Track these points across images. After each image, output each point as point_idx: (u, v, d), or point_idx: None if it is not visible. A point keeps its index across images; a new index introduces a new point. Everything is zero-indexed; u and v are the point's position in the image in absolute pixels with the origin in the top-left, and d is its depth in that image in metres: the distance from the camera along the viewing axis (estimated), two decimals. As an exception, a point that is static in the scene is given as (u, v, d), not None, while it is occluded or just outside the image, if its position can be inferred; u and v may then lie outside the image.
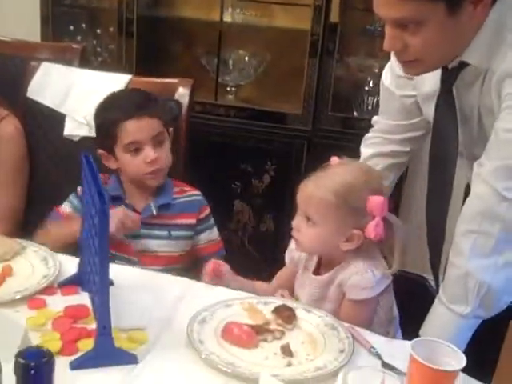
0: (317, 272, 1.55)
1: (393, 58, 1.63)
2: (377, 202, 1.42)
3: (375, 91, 2.80)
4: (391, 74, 1.68)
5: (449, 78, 1.45)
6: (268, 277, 1.78)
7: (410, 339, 1.21)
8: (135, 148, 1.72)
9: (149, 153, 1.72)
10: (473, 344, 1.42)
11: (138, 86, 1.93)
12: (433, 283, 1.72)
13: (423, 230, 1.67)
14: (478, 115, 1.45)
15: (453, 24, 1.32)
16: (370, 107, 2.78)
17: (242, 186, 2.80)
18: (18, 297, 1.39)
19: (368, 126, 2.71)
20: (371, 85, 2.80)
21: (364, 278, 1.44)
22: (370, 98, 2.78)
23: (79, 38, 2.98)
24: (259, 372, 1.20)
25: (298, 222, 1.51)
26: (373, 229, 1.42)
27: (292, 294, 1.58)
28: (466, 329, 1.43)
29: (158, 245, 1.81)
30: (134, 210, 1.79)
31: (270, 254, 2.82)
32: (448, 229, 1.52)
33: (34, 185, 1.98)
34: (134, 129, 1.71)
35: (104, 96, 1.78)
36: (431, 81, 1.50)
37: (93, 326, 1.32)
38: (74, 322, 1.33)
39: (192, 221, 1.85)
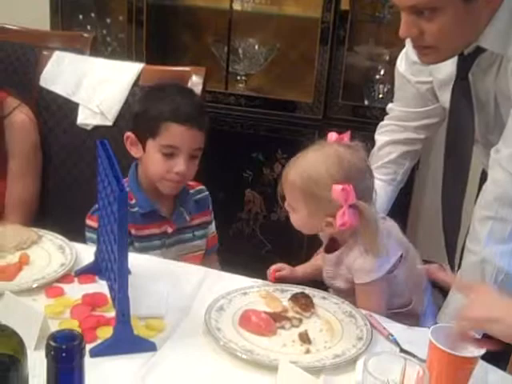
0: (332, 249, 1.54)
1: (408, 44, 1.62)
2: (339, 190, 1.38)
3: (386, 79, 2.79)
4: (406, 60, 1.67)
5: (465, 65, 1.44)
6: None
7: (428, 327, 1.21)
8: (170, 152, 1.67)
9: (181, 164, 1.67)
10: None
11: (151, 74, 1.93)
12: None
13: (436, 218, 1.68)
14: (494, 101, 1.44)
15: (469, 10, 1.31)
16: (380, 95, 2.77)
17: (253, 175, 2.80)
18: (35, 285, 1.39)
19: (379, 114, 2.70)
20: (382, 73, 2.79)
21: (367, 260, 1.44)
22: (380, 86, 2.77)
23: (89, 27, 2.97)
24: (277, 359, 1.20)
25: (286, 206, 1.53)
26: (340, 217, 1.40)
27: None
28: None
29: (185, 248, 1.80)
30: (165, 219, 1.76)
31: (281, 243, 2.82)
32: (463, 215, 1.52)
33: (48, 174, 1.97)
34: (179, 135, 1.66)
35: (121, 85, 1.77)
36: (447, 67, 1.50)
37: (111, 313, 1.32)
38: (92, 309, 1.34)
39: (208, 218, 1.86)
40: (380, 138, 1.80)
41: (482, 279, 1.39)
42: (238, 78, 2.89)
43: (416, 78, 1.66)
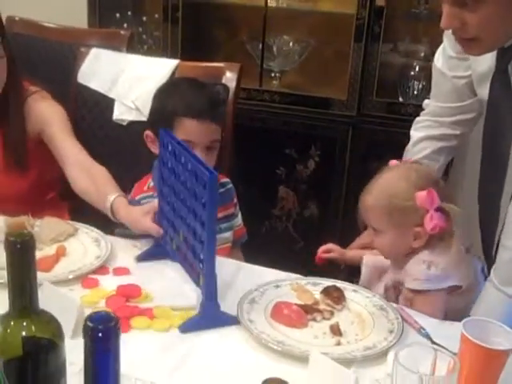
0: None
1: (445, 39, 1.62)
2: (424, 196, 1.45)
3: (421, 76, 2.78)
4: (443, 55, 1.67)
5: (504, 57, 1.43)
6: (311, 261, 1.79)
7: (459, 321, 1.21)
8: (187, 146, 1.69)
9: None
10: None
11: (186, 70, 1.95)
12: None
13: (471, 214, 1.67)
14: None
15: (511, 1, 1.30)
16: (415, 92, 2.76)
17: (286, 171, 2.81)
18: (71, 276, 1.43)
19: (413, 111, 2.69)
20: (417, 69, 2.78)
21: (419, 268, 1.46)
22: (415, 82, 2.76)
23: (125, 25, 3.01)
24: (309, 350, 1.21)
25: (370, 235, 1.59)
26: (429, 222, 1.45)
27: None
28: (516, 311, 1.41)
29: None
30: None
31: (314, 240, 2.82)
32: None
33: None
34: (193, 129, 1.66)
35: (157, 81, 1.79)
36: (487, 60, 1.49)
37: (144, 304, 1.36)
38: (127, 300, 1.37)
39: (232, 210, 1.86)
40: (415, 133, 1.80)
41: (517, 275, 1.39)
42: (272, 74, 2.90)
43: (453, 73, 1.65)
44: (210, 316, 1.29)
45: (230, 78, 1.94)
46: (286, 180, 2.83)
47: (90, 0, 2.87)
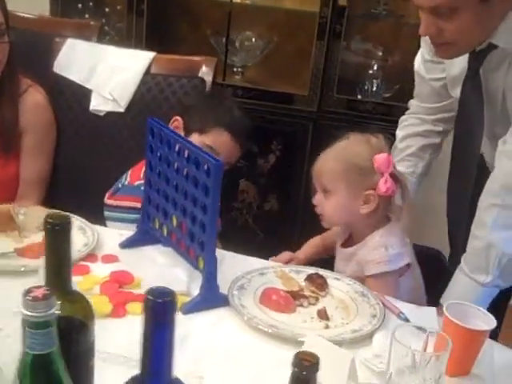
0: (346, 246, 1.64)
1: (423, 43, 1.71)
2: (382, 159, 1.54)
3: (378, 74, 2.88)
4: (421, 58, 1.77)
5: (476, 61, 1.53)
6: (270, 254, 1.85)
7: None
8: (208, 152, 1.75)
9: None
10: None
11: (162, 63, 1.99)
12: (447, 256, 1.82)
13: (440, 208, 1.77)
14: (502, 96, 1.53)
15: (484, 9, 1.40)
16: (374, 89, 2.86)
17: (247, 165, 2.86)
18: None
19: (372, 108, 2.80)
20: (375, 68, 2.88)
21: (377, 252, 1.54)
22: (374, 81, 2.86)
23: (87, 15, 3.01)
24: (300, 333, 1.27)
25: (317, 198, 1.63)
26: (383, 184, 1.53)
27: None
28: (486, 296, 1.51)
29: None
30: None
31: (274, 233, 2.89)
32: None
33: (61, 158, 2.02)
34: (225, 143, 1.79)
35: (134, 72, 1.83)
36: (460, 64, 1.58)
37: (138, 291, 1.39)
38: (120, 287, 1.40)
39: None
40: (400, 132, 1.89)
41: (487, 263, 1.48)
42: (235, 69, 2.95)
43: (430, 75, 1.75)
44: (210, 297, 1.35)
45: (205, 73, 1.98)
46: (247, 173, 2.88)
47: (53, -11, 2.87)
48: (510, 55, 1.48)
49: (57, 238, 0.82)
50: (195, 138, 1.76)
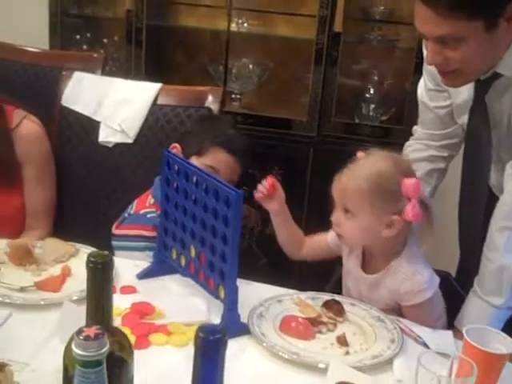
0: (362, 267, 1.62)
1: (425, 72, 1.75)
2: (411, 183, 1.47)
3: (375, 98, 2.93)
4: (424, 87, 1.80)
5: (482, 88, 1.57)
6: (274, 278, 1.86)
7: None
8: (209, 172, 1.74)
9: None
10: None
11: (169, 94, 2.01)
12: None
13: (450, 231, 1.79)
14: (508, 121, 1.57)
15: (490, 39, 1.44)
16: (371, 113, 2.90)
17: (249, 190, 2.88)
18: (82, 295, 1.45)
19: (370, 132, 2.84)
20: (371, 92, 2.93)
21: (416, 282, 1.51)
22: (371, 105, 2.90)
23: (85, 46, 3.05)
24: (323, 360, 1.29)
25: (337, 216, 1.55)
26: (410, 210, 1.46)
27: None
28: (500, 318, 1.54)
29: None
30: None
31: (277, 257, 2.90)
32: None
33: (69, 190, 2.04)
34: (225, 162, 1.83)
35: (141, 104, 1.86)
36: (465, 92, 1.62)
37: (159, 321, 1.41)
38: (141, 318, 1.41)
39: None
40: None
41: (500, 285, 1.51)
42: (233, 96, 2.99)
43: (434, 103, 1.78)
44: (232, 326, 1.36)
45: (212, 102, 2.01)
46: (248, 198, 2.89)
47: (52, 21, 2.90)
48: None
49: (99, 277, 0.85)
50: (195, 161, 1.79)
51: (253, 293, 1.55)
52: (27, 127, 1.94)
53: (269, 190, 1.66)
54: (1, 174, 1.88)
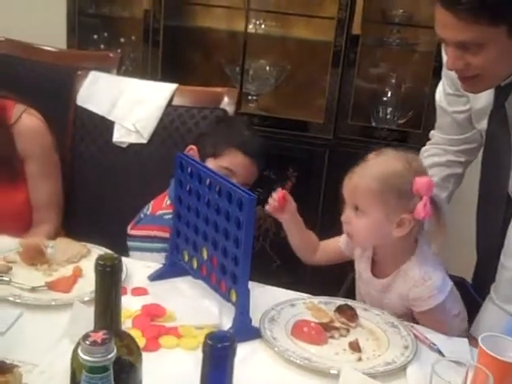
0: (372, 271, 1.61)
1: (444, 77, 1.73)
2: (423, 182, 1.45)
3: (392, 101, 2.90)
4: (443, 92, 1.78)
5: (502, 94, 1.54)
6: (288, 281, 1.85)
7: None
8: (226, 174, 1.75)
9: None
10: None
11: (184, 94, 2.01)
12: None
13: (467, 237, 1.77)
14: None
15: (511, 45, 1.41)
16: (388, 116, 2.88)
17: (264, 192, 2.86)
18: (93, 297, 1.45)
19: (387, 135, 2.82)
20: (389, 95, 2.90)
21: (425, 287, 1.49)
22: (389, 108, 2.87)
23: (102, 46, 3.05)
24: (334, 366, 1.27)
25: (347, 215, 1.54)
26: (422, 209, 1.44)
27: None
28: (516, 327, 1.51)
29: None
30: None
31: (291, 260, 2.88)
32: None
33: (83, 190, 2.04)
34: (241, 164, 1.81)
35: (156, 104, 1.85)
36: (484, 97, 1.60)
37: (170, 324, 1.40)
38: (152, 320, 1.40)
39: None
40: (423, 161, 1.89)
41: (517, 293, 1.49)
42: (249, 97, 2.98)
43: (452, 108, 1.76)
44: (243, 330, 1.35)
45: (227, 103, 2.00)
46: (263, 200, 2.88)
47: (70, 21, 2.90)
48: None
49: (107, 280, 0.83)
50: (211, 163, 1.79)
51: (265, 296, 1.54)
52: (27, 121, 1.93)
53: (280, 203, 1.65)
54: (2, 169, 1.88)
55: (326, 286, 2.02)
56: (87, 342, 0.72)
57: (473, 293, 1.77)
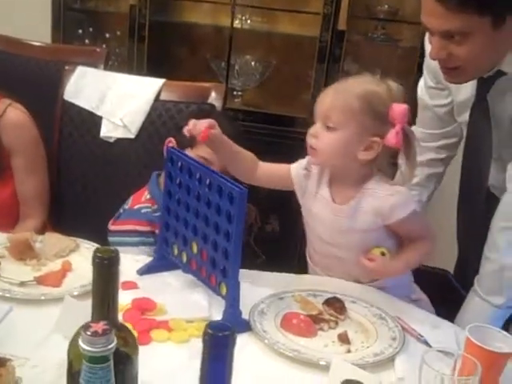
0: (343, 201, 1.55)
1: (425, 70, 1.75)
2: (400, 109, 1.42)
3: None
4: (424, 85, 1.80)
5: (484, 87, 1.57)
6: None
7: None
8: (204, 163, 1.72)
9: None
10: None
11: (172, 89, 2.01)
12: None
13: (448, 229, 1.80)
14: (510, 120, 1.57)
15: (496, 36, 1.44)
16: (373, 112, 2.89)
17: (248, 187, 2.87)
18: (82, 291, 1.45)
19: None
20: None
21: (400, 195, 1.48)
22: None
23: (87, 41, 3.04)
24: (323, 358, 1.29)
25: (316, 129, 1.50)
26: (394, 135, 1.42)
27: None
28: (500, 318, 1.54)
29: None
30: None
31: (275, 254, 2.91)
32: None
33: (69, 185, 2.04)
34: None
35: (144, 99, 1.86)
36: (467, 89, 1.62)
37: (161, 317, 1.40)
38: (142, 314, 1.41)
39: None
40: None
41: (500, 285, 1.51)
42: (235, 93, 2.99)
43: (434, 102, 1.79)
44: (233, 322, 1.33)
45: (215, 98, 2.01)
46: (248, 195, 2.89)
47: (54, 15, 2.89)
48: None
49: (105, 272, 0.84)
50: (189, 154, 1.76)
51: (254, 289, 1.56)
52: (11, 115, 1.93)
53: (204, 134, 1.49)
54: None
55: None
56: (88, 333, 0.73)
57: (456, 285, 1.80)
